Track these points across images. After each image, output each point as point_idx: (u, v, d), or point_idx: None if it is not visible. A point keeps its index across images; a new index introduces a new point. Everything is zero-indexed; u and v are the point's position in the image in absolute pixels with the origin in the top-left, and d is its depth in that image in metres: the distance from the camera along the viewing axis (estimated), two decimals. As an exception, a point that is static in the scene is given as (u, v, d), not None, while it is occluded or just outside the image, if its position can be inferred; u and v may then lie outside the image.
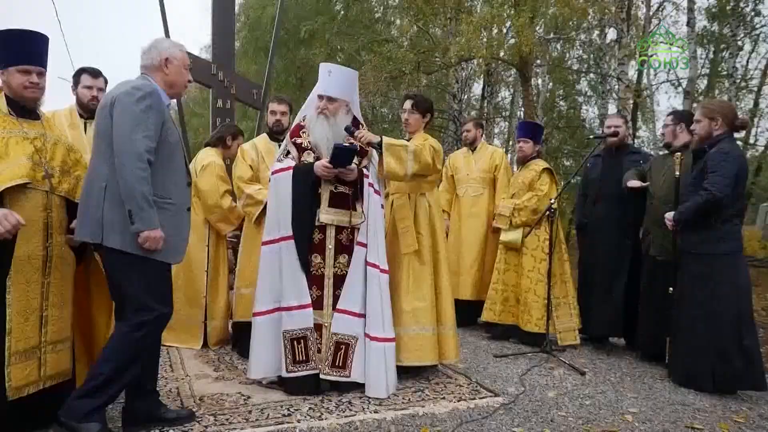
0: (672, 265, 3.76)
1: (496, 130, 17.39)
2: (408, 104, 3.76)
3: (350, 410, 3.03)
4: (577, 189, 4.96)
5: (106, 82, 3.76)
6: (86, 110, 3.68)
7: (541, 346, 4.27)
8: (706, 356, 3.48)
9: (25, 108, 2.52)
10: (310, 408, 3.02)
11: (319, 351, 3.22)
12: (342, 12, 15.24)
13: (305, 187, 3.21)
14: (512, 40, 11.40)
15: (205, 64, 6.37)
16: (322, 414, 2.95)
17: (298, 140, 3.37)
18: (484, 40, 10.82)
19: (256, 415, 2.93)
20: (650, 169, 4.25)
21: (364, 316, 3.28)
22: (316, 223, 3.24)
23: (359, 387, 3.27)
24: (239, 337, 4.11)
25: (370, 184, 3.32)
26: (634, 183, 4.20)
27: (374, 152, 3.42)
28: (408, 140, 3.69)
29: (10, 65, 2.43)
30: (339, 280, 3.26)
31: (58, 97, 3.79)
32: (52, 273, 2.52)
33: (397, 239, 3.58)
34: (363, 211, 3.31)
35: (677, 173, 3.74)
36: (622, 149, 4.60)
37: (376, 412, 3.03)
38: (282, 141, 3.70)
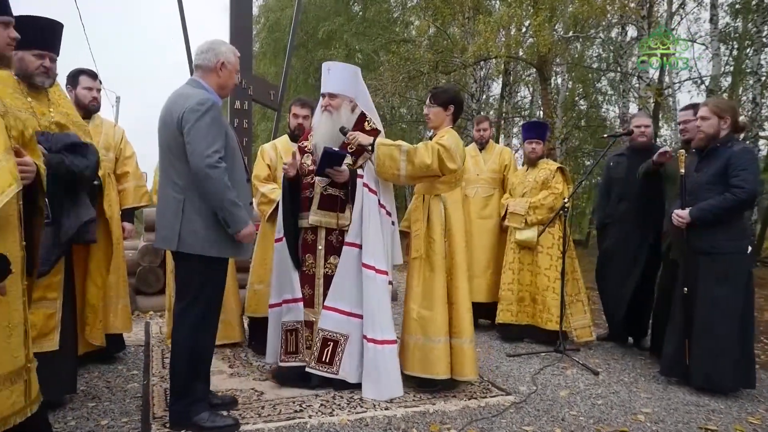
0: (687, 264, 3.71)
1: (515, 130, 17.26)
2: (427, 98, 3.62)
3: (361, 407, 3.07)
4: (599, 188, 4.90)
5: (101, 83, 3.86)
6: (85, 110, 3.75)
7: (555, 346, 4.26)
8: (728, 356, 3.44)
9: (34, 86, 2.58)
10: (321, 404, 3.06)
11: (309, 347, 3.29)
12: (360, 13, 15.32)
13: (285, 191, 3.37)
14: (531, 40, 11.34)
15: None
16: (333, 410, 2.99)
17: (304, 143, 3.45)
18: (502, 39, 10.78)
19: (268, 410, 2.98)
20: (667, 167, 4.18)
21: (359, 316, 3.24)
22: (307, 225, 3.32)
23: (355, 386, 3.26)
24: (254, 333, 4.18)
25: (365, 184, 3.26)
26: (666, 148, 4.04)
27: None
28: (431, 138, 3.59)
29: (25, 48, 2.38)
30: (329, 281, 3.28)
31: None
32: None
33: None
34: (350, 214, 3.27)
35: (682, 171, 3.70)
36: (647, 148, 4.49)
37: (386, 409, 3.06)
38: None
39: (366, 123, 3.43)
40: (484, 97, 14.98)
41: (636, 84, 10.77)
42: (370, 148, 3.28)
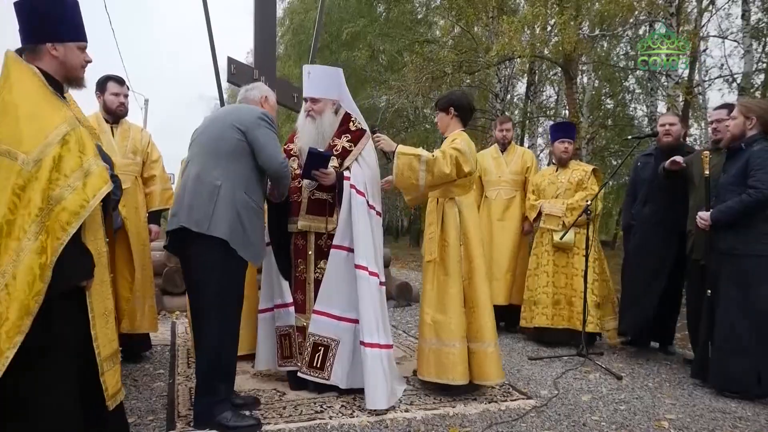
0: (711, 266, 3.65)
1: (540, 129, 17.09)
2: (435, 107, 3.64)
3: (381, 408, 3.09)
4: (627, 189, 4.83)
5: (128, 88, 3.95)
6: (113, 116, 3.87)
7: (578, 349, 4.22)
8: (750, 359, 3.37)
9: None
10: (342, 405, 3.09)
11: (301, 353, 3.26)
12: (384, 14, 15.35)
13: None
14: (556, 38, 11.22)
15: (247, 69, 6.54)
16: (354, 411, 3.02)
17: (290, 146, 3.42)
18: (527, 38, 10.69)
19: (290, 410, 3.03)
20: (692, 165, 4.09)
21: (350, 320, 3.19)
22: (296, 230, 3.30)
23: (357, 391, 3.21)
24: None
25: (352, 186, 3.19)
26: (677, 158, 3.97)
27: (361, 152, 3.32)
28: (443, 140, 3.60)
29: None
30: (319, 285, 3.24)
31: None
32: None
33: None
34: (337, 217, 3.23)
35: (706, 172, 3.62)
36: (676, 149, 4.36)
37: (406, 411, 3.07)
38: None
39: (351, 123, 3.38)
40: (509, 96, 14.85)
41: (665, 82, 10.55)
42: (391, 154, 3.27)
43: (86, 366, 2.09)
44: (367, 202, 3.23)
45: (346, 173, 3.22)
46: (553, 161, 5.07)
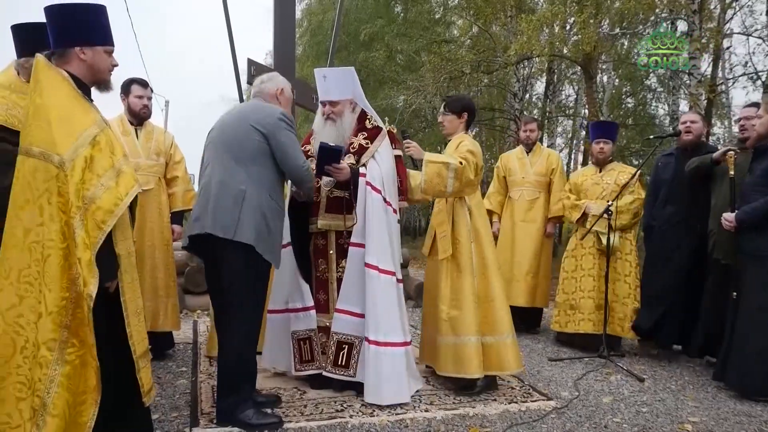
0: (736, 268, 3.60)
1: (559, 129, 16.95)
2: (441, 107, 3.71)
3: (401, 408, 3.10)
4: (647, 189, 4.78)
5: (152, 91, 4.02)
6: (136, 118, 3.94)
7: (598, 351, 4.18)
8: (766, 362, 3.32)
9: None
10: (362, 404, 3.11)
11: (324, 353, 3.28)
12: (401, 14, 15.34)
13: (292, 196, 3.34)
14: (575, 37, 11.12)
15: (267, 70, 6.58)
16: (374, 411, 3.04)
17: (306, 147, 3.41)
18: (546, 37, 10.61)
19: (310, 409, 3.05)
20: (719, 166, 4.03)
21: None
22: (316, 229, 3.31)
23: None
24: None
25: (368, 183, 3.18)
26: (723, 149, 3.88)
27: (378, 149, 3.31)
28: (447, 141, 3.69)
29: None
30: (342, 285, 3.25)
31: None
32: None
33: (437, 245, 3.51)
34: (355, 214, 3.23)
35: (731, 172, 3.57)
36: (698, 148, 4.30)
37: (426, 410, 3.08)
38: None
39: (367, 121, 3.39)
40: (527, 96, 14.75)
41: (687, 80, 10.40)
42: (419, 162, 3.32)
43: (116, 363, 2.14)
44: (384, 198, 3.22)
45: (362, 170, 3.22)
46: (591, 161, 5.00)
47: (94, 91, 2.27)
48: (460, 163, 3.29)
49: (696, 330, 4.14)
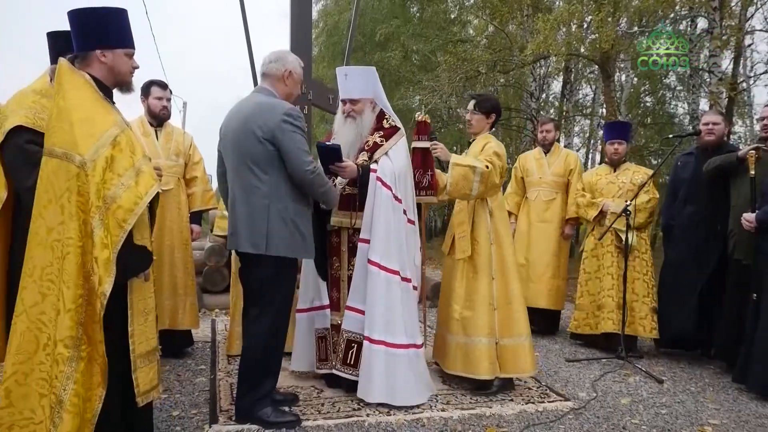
0: (754, 269, 3.55)
1: (576, 129, 16.81)
2: (471, 104, 3.64)
3: (418, 407, 3.11)
4: (666, 189, 4.73)
5: (171, 92, 4.07)
6: (156, 119, 4.01)
7: (617, 352, 4.15)
8: None
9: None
10: (379, 403, 3.11)
11: (335, 351, 3.27)
12: (417, 14, 15.34)
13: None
14: (593, 36, 11.02)
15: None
16: (390, 410, 3.05)
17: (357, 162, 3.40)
18: (563, 36, 10.53)
19: (327, 407, 3.08)
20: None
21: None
22: (328, 227, 3.31)
23: None
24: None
25: (378, 178, 3.14)
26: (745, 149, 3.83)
27: (392, 147, 3.28)
28: (471, 141, 3.68)
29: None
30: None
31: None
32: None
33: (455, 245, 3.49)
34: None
35: (752, 172, 3.51)
36: (719, 148, 4.23)
37: (443, 410, 3.09)
38: None
39: (385, 120, 3.38)
40: (544, 95, 14.66)
41: (707, 79, 10.26)
42: (445, 164, 3.32)
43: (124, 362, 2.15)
44: (394, 195, 3.17)
45: (373, 165, 3.19)
46: (605, 161, 4.96)
47: (116, 93, 2.31)
48: (486, 167, 3.28)
49: (716, 331, 4.09)
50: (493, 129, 3.71)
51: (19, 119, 2.11)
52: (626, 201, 4.22)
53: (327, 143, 3.10)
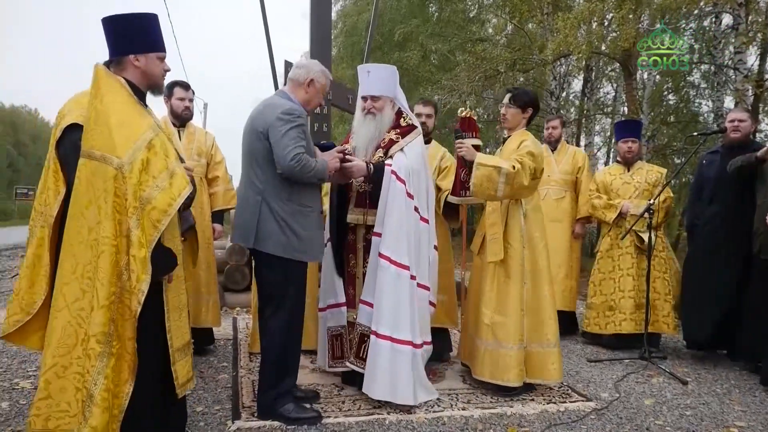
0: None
1: (597, 128, 16.60)
2: (506, 98, 3.52)
3: (438, 406, 3.11)
4: (690, 188, 4.65)
5: (193, 93, 4.12)
6: (179, 119, 4.06)
7: (639, 352, 4.10)
8: None
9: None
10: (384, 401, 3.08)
11: (351, 346, 3.27)
12: (436, 14, 15.31)
13: (331, 190, 3.37)
14: (614, 33, 10.89)
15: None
16: (411, 408, 3.05)
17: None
18: (583, 35, 10.42)
19: (348, 405, 3.09)
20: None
21: None
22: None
23: None
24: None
25: (393, 172, 3.12)
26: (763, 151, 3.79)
27: (407, 144, 3.26)
28: (506, 137, 3.58)
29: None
30: None
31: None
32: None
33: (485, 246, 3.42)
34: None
35: None
36: (745, 146, 4.15)
37: (463, 409, 3.09)
38: (426, 143, 3.80)
39: (402, 119, 3.38)
40: (564, 94, 14.51)
41: (732, 76, 10.07)
42: (470, 163, 3.24)
43: (160, 356, 2.23)
44: (407, 191, 3.15)
45: (388, 161, 3.19)
46: (618, 160, 4.91)
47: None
48: (513, 167, 3.17)
49: (741, 332, 4.01)
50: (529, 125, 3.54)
51: (74, 117, 2.18)
52: (649, 200, 4.17)
53: (322, 142, 3.17)
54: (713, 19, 12.12)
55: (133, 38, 2.24)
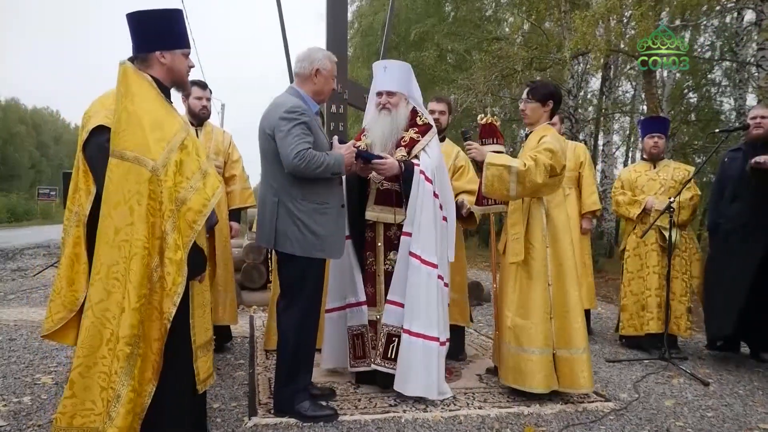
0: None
1: (616, 126, 16.42)
2: (525, 92, 3.44)
3: (455, 404, 3.10)
4: (712, 187, 4.57)
5: (211, 92, 4.14)
6: (196, 118, 4.09)
7: (660, 352, 4.03)
8: None
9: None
10: (415, 400, 3.11)
11: (374, 347, 3.24)
12: (452, 13, 15.27)
13: (350, 186, 3.29)
14: (632, 31, 10.76)
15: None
16: (427, 407, 3.04)
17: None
18: (602, 31, 10.31)
19: (364, 403, 3.09)
20: None
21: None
22: (366, 222, 3.29)
23: None
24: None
25: (422, 171, 3.15)
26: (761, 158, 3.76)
27: (427, 144, 3.27)
28: (527, 134, 3.50)
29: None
30: (389, 277, 3.21)
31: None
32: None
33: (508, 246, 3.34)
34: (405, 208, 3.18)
35: None
36: (767, 143, 4.05)
37: (480, 408, 3.06)
38: (442, 140, 3.83)
39: (418, 117, 3.38)
40: (582, 93, 14.38)
41: (755, 73, 9.90)
42: (480, 164, 3.21)
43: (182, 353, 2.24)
44: (434, 191, 3.18)
45: (415, 161, 3.21)
46: (644, 157, 4.84)
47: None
48: (524, 164, 3.08)
49: (765, 333, 3.93)
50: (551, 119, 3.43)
51: (101, 119, 2.18)
52: (670, 198, 4.11)
53: (358, 149, 3.10)
54: (735, 15, 11.91)
55: (159, 35, 2.22)
